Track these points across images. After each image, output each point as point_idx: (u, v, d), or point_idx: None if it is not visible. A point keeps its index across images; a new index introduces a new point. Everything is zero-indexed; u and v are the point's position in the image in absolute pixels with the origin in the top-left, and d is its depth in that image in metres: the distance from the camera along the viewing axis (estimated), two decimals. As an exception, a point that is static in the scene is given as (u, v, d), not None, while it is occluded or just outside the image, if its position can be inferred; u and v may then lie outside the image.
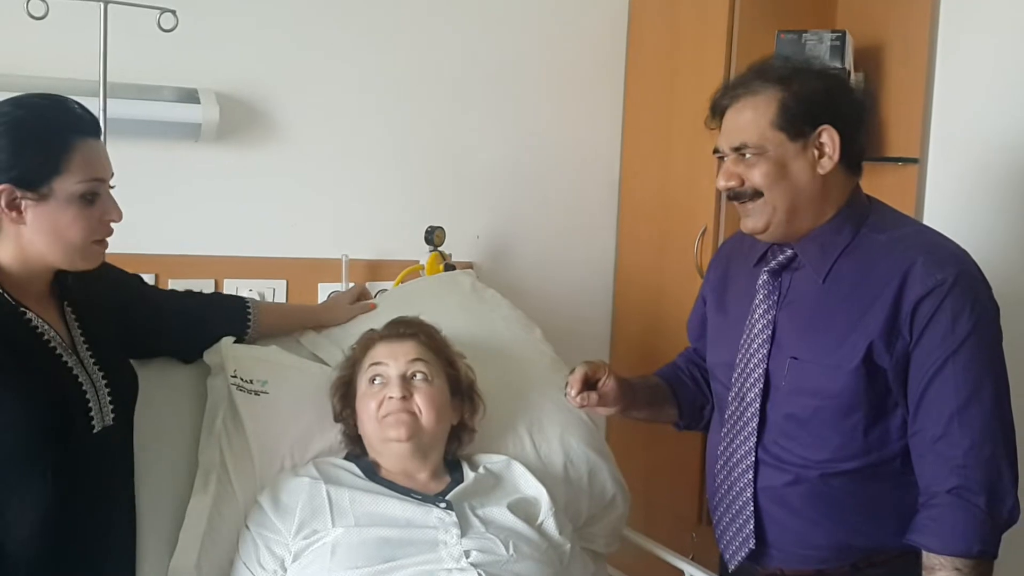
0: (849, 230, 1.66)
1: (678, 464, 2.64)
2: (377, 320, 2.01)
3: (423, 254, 2.54)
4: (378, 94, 2.61)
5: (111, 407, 1.55)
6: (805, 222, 1.67)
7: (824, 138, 1.63)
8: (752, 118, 1.63)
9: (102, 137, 1.58)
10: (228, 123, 2.38)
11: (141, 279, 1.83)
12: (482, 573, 1.56)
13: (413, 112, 2.65)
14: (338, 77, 2.55)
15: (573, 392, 1.79)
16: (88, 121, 1.51)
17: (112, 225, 1.54)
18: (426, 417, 1.75)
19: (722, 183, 1.66)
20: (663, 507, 2.67)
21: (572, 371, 1.82)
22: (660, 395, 1.96)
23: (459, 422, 1.85)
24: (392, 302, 2.15)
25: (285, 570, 1.62)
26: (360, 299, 2.11)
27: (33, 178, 1.44)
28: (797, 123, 1.62)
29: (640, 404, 1.90)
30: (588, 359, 1.84)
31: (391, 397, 1.74)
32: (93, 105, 1.65)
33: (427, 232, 2.53)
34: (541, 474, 1.87)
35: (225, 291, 2.41)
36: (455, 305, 2.14)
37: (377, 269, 2.59)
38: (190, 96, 2.30)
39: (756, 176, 1.63)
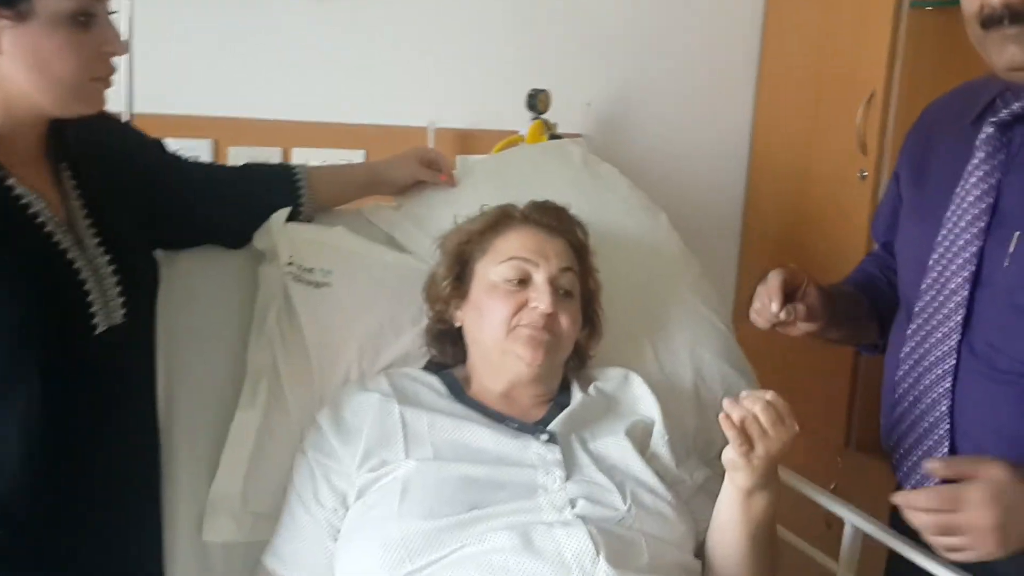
0: None
1: (821, 378, 2.28)
2: (464, 198, 1.66)
3: (524, 123, 2.24)
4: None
5: (120, 300, 1.23)
6: None
7: None
8: None
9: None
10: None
11: (163, 146, 1.49)
12: (593, 531, 1.20)
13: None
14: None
15: (775, 306, 1.44)
16: None
17: (114, 63, 1.20)
18: (566, 341, 1.44)
19: None
20: (803, 427, 2.32)
21: (764, 281, 1.48)
22: (860, 307, 1.61)
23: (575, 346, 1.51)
24: (486, 174, 1.79)
25: (347, 508, 1.31)
26: (431, 166, 1.73)
27: None
28: None
29: (840, 318, 1.55)
30: (783, 266, 1.49)
31: (536, 307, 1.39)
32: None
33: (529, 96, 2.24)
34: (666, 393, 1.51)
35: (294, 161, 2.11)
36: (563, 181, 1.76)
37: (469, 140, 2.30)
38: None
39: None
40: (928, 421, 1.41)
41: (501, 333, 1.39)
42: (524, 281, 1.42)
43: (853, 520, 1.51)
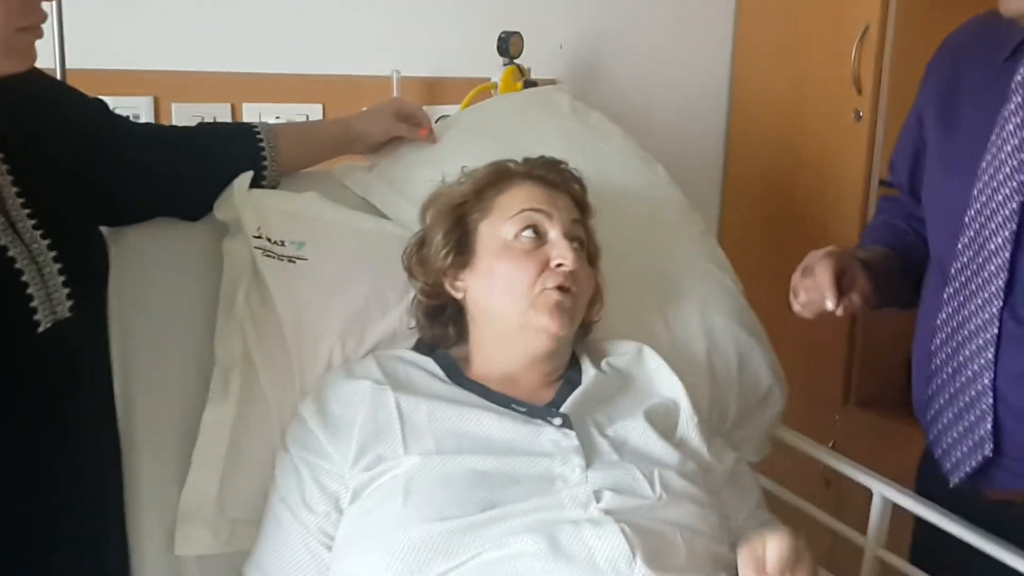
0: None
1: (819, 334, 2.15)
2: (444, 156, 1.49)
3: (495, 69, 2.09)
4: None
5: (66, 292, 1.06)
6: None
7: None
8: None
9: None
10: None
11: (106, 106, 1.30)
12: (626, 529, 1.07)
13: None
14: None
15: (831, 303, 1.30)
16: None
17: (44, 9, 1.00)
18: (582, 304, 1.30)
19: None
20: (799, 383, 2.23)
21: (809, 270, 1.34)
22: (895, 269, 1.47)
23: None
24: (466, 128, 1.63)
25: (340, 512, 1.16)
26: (408, 120, 1.57)
27: None
28: None
29: (880, 286, 1.41)
30: (829, 249, 1.35)
31: (561, 265, 1.24)
32: None
33: (500, 40, 2.08)
34: (677, 363, 1.37)
35: (245, 118, 1.97)
36: (552, 132, 1.60)
37: (437, 89, 2.14)
38: None
39: None
40: (969, 395, 1.29)
41: (524, 301, 1.24)
42: (539, 236, 1.27)
43: (883, 491, 1.41)
